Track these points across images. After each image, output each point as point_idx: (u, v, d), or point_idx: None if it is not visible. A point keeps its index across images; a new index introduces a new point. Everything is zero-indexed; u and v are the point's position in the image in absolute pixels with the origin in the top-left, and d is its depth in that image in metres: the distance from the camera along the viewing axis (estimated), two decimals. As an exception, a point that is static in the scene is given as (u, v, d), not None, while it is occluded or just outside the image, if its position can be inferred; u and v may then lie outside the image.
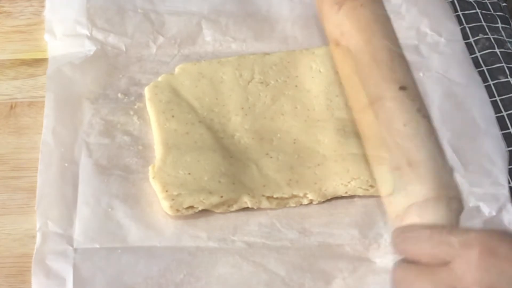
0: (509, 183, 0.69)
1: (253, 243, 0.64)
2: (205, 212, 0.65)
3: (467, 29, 0.81)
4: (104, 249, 0.63)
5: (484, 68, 0.77)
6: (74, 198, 0.66)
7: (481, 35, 0.80)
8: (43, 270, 0.61)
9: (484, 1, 0.84)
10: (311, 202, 0.66)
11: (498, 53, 0.78)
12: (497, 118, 0.73)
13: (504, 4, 0.84)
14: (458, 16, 0.82)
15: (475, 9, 0.82)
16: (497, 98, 0.75)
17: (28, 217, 0.65)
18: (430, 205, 0.57)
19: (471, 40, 0.80)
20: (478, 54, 0.79)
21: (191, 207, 0.65)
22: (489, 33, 0.80)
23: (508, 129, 0.73)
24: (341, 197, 0.67)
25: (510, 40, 0.80)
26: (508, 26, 0.82)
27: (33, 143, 0.70)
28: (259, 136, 0.70)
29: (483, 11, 0.82)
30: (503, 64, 0.77)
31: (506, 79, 0.76)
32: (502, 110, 0.74)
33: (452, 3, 0.83)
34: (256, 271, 0.62)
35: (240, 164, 0.68)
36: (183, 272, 0.62)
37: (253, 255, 0.63)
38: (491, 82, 0.76)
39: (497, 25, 0.81)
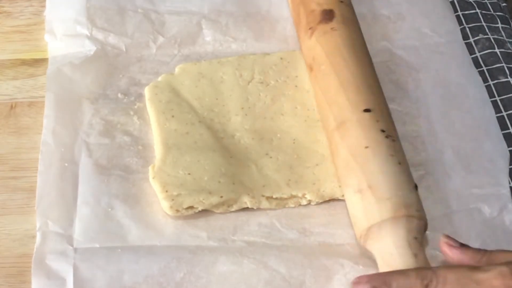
0: (509, 183, 0.68)
1: (253, 243, 0.64)
2: (205, 212, 0.65)
3: (467, 29, 0.81)
4: (104, 248, 0.63)
5: (484, 68, 0.77)
6: (74, 198, 0.65)
7: (481, 35, 0.80)
8: (43, 270, 0.61)
9: (484, 1, 0.84)
10: (309, 202, 0.66)
11: (498, 53, 0.78)
12: (497, 118, 0.73)
13: (504, 4, 0.84)
14: (458, 16, 0.82)
15: (475, 9, 0.82)
16: (497, 98, 0.75)
17: (28, 217, 0.65)
18: (387, 226, 0.59)
19: (471, 40, 0.80)
20: (478, 54, 0.79)
21: (191, 207, 0.65)
22: (489, 33, 0.80)
23: (508, 129, 0.73)
24: (340, 199, 0.67)
25: (510, 40, 0.80)
26: (508, 26, 0.82)
27: (33, 143, 0.70)
28: (259, 136, 0.70)
29: (483, 11, 0.82)
30: (503, 64, 0.77)
31: (506, 79, 0.76)
32: (502, 110, 0.74)
33: (452, 3, 0.83)
34: (257, 268, 0.62)
35: (240, 164, 0.68)
36: (183, 271, 0.62)
37: (253, 253, 0.63)
38: (491, 82, 0.76)
39: (497, 25, 0.81)
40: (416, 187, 0.62)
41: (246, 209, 0.66)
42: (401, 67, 0.77)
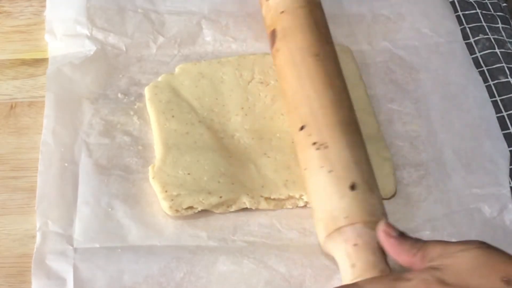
0: (510, 183, 0.68)
1: (253, 243, 0.64)
2: (205, 212, 0.65)
3: (467, 29, 0.81)
4: (104, 248, 0.63)
5: (485, 68, 0.77)
6: (74, 198, 0.65)
7: (481, 35, 0.80)
8: (43, 270, 0.61)
9: (484, 1, 0.84)
10: (306, 204, 0.66)
11: (499, 53, 0.78)
12: (498, 118, 0.73)
13: (504, 4, 0.84)
14: (458, 16, 0.82)
15: (475, 9, 0.82)
16: (498, 98, 0.75)
17: (28, 217, 0.65)
18: (327, 245, 0.59)
19: (472, 40, 0.80)
20: (478, 54, 0.79)
21: (191, 207, 0.65)
22: (489, 33, 0.80)
23: (509, 129, 0.73)
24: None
25: (510, 40, 0.80)
26: (508, 26, 0.82)
27: (33, 143, 0.70)
28: (259, 136, 0.70)
29: (484, 11, 0.82)
30: (503, 64, 0.77)
31: (507, 79, 0.76)
32: (503, 110, 0.74)
33: (452, 3, 0.83)
34: (257, 268, 0.62)
35: (240, 164, 0.68)
36: (183, 271, 0.62)
37: (253, 252, 0.63)
38: (491, 82, 0.76)
39: (497, 25, 0.81)
40: (353, 186, 0.59)
41: (246, 209, 0.66)
42: (401, 67, 0.77)
